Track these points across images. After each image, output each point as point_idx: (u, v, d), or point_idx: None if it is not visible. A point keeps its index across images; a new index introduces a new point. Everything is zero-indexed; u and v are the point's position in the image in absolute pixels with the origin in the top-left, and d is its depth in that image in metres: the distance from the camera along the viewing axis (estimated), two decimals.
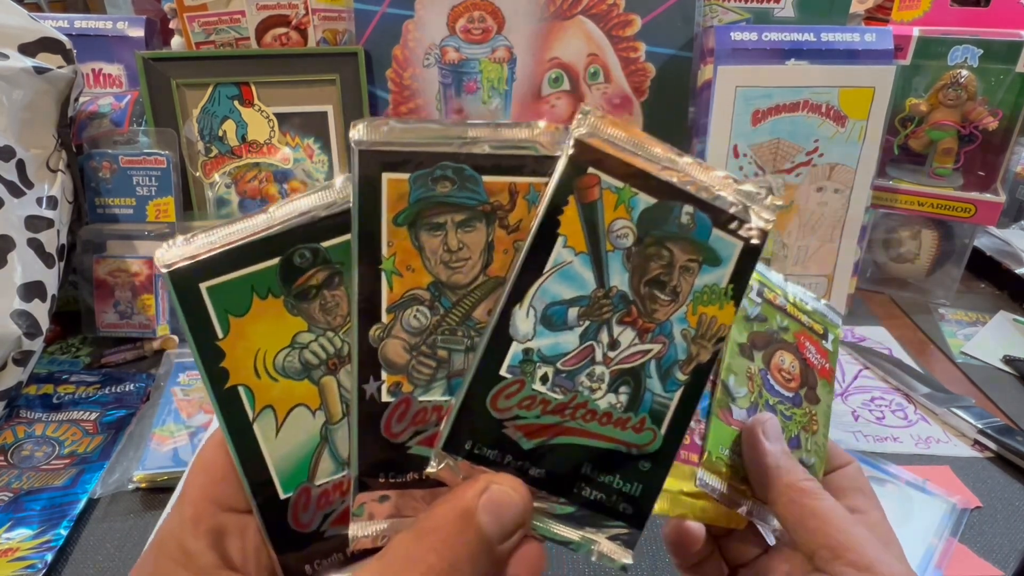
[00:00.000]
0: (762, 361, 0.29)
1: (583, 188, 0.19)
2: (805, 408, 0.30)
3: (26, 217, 0.57)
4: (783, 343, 0.30)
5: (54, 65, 0.60)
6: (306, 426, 0.21)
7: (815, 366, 0.30)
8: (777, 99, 0.70)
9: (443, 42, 0.75)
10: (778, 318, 0.30)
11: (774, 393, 0.29)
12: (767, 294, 0.30)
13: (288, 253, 0.19)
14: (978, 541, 0.47)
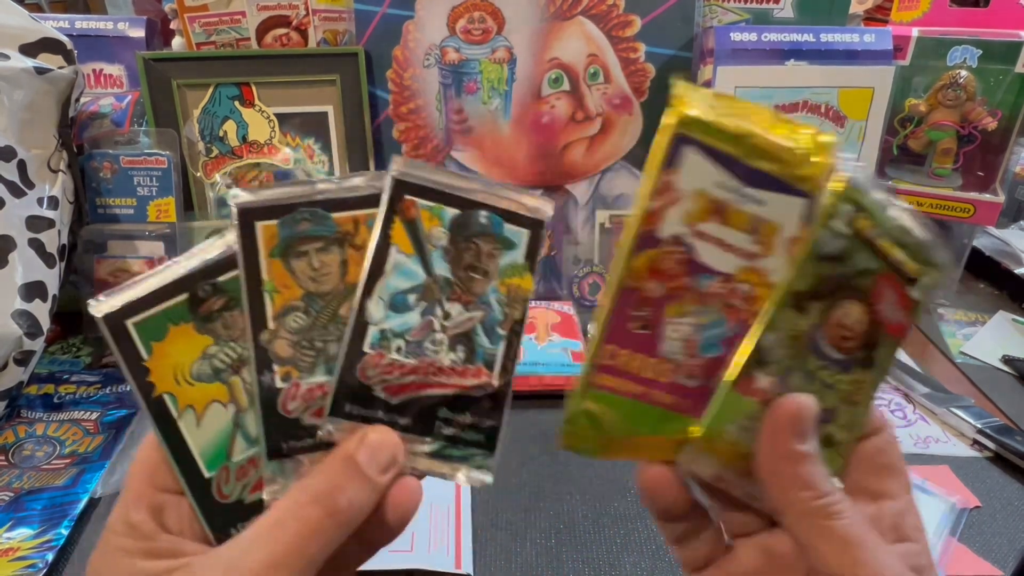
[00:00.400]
0: (818, 315, 0.23)
1: (404, 210, 0.26)
2: (854, 375, 0.24)
3: (27, 217, 0.57)
4: (856, 291, 0.23)
5: (55, 65, 0.61)
6: (220, 417, 0.27)
7: (886, 321, 0.24)
8: (776, 99, 0.70)
9: (443, 43, 0.75)
10: (862, 256, 0.23)
11: (820, 356, 0.24)
12: (860, 222, 0.22)
13: (193, 288, 0.26)
14: (977, 541, 0.47)
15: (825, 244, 0.22)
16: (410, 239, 0.26)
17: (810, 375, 0.24)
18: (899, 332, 0.24)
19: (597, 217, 0.78)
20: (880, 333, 0.24)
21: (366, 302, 0.26)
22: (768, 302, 0.23)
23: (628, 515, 0.49)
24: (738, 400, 0.23)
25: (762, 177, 0.22)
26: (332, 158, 0.78)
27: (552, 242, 0.79)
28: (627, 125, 0.77)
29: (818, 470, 0.23)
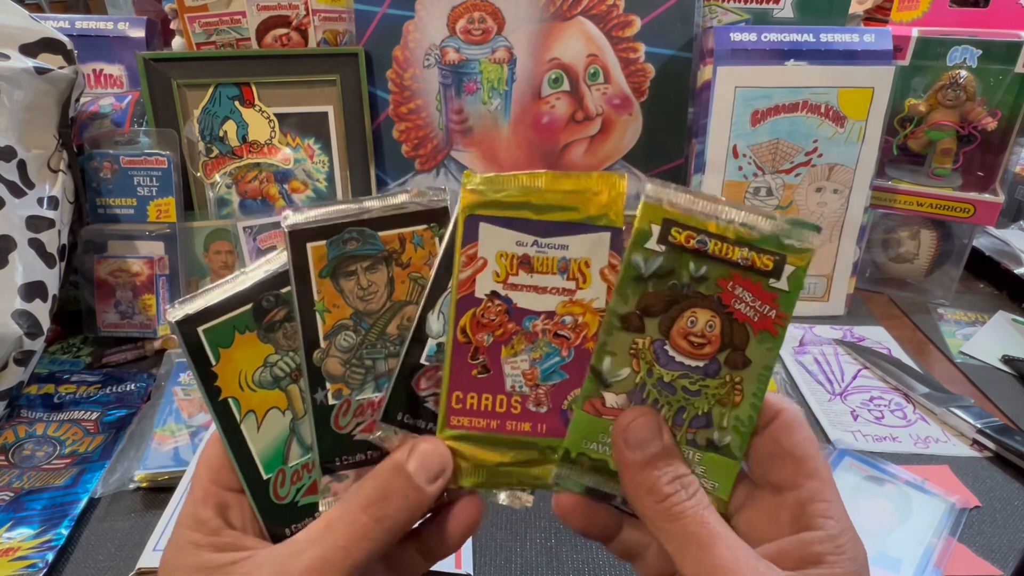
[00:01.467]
0: (658, 329, 0.24)
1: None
2: (724, 376, 0.25)
3: (27, 217, 0.57)
4: (696, 298, 0.24)
5: (55, 66, 0.61)
6: (279, 423, 0.28)
7: (746, 318, 0.24)
8: (776, 99, 0.70)
9: (443, 43, 0.75)
10: (691, 266, 0.24)
11: (673, 366, 0.25)
12: (675, 236, 0.23)
13: (258, 299, 0.27)
14: (977, 540, 0.47)
15: (640, 266, 0.24)
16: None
17: (669, 385, 0.25)
18: (768, 325, 0.24)
19: None
20: (745, 331, 0.24)
21: (428, 315, 0.27)
22: (599, 329, 0.25)
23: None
24: (592, 420, 0.25)
25: (555, 226, 0.25)
26: (332, 158, 0.78)
27: None
28: (627, 125, 0.77)
29: (658, 474, 0.24)
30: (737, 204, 0.24)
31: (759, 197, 0.74)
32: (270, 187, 0.77)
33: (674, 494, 0.24)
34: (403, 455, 0.25)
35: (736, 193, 0.74)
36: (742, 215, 0.24)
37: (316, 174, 0.78)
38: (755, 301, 0.24)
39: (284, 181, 0.77)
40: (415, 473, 0.25)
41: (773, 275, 0.24)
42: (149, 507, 0.49)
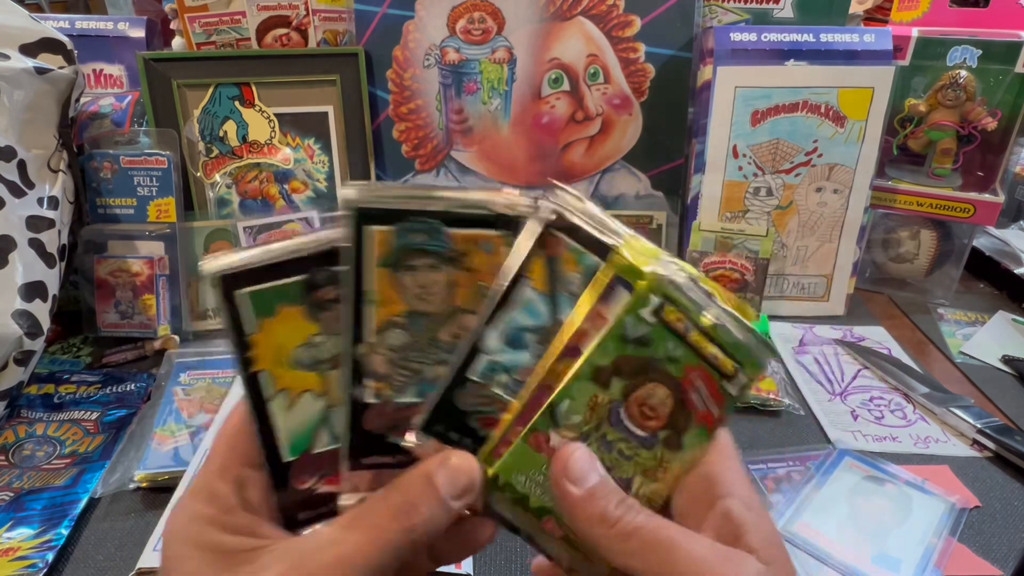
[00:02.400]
0: (620, 392, 0.25)
1: (550, 246, 0.25)
2: (657, 452, 0.26)
3: (27, 217, 0.57)
4: (662, 375, 0.25)
5: (55, 66, 0.61)
6: (311, 407, 0.26)
7: (694, 407, 0.25)
8: (776, 99, 0.70)
9: (443, 43, 0.75)
10: (669, 345, 0.25)
11: (620, 429, 0.25)
12: (668, 314, 0.25)
13: (312, 272, 0.24)
14: (977, 540, 0.47)
15: (628, 328, 0.25)
16: (547, 277, 0.25)
17: (608, 444, 0.26)
18: (709, 421, 0.26)
19: None
20: (689, 419, 0.25)
21: (486, 330, 0.25)
22: (570, 370, 0.25)
23: None
24: (531, 454, 0.25)
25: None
26: (332, 158, 0.78)
27: None
28: (627, 125, 0.77)
29: (604, 502, 0.24)
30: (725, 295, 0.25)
31: (759, 197, 0.74)
32: (270, 187, 0.77)
33: (625, 515, 0.24)
34: (433, 467, 0.25)
35: (736, 193, 0.74)
36: (723, 316, 0.25)
37: (316, 174, 0.78)
38: (708, 396, 0.25)
39: (284, 181, 0.77)
40: (443, 486, 0.24)
41: (729, 379, 0.25)
42: (149, 507, 0.49)
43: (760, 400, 0.60)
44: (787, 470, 0.53)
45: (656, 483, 0.26)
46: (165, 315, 0.69)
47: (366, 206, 0.24)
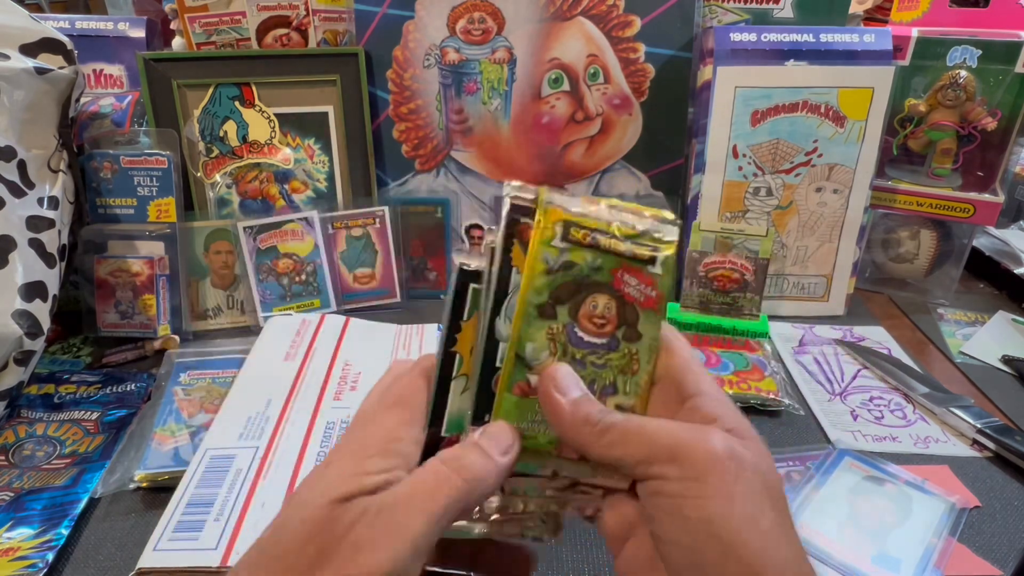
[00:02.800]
0: (568, 314, 0.28)
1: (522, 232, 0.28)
2: (623, 349, 0.28)
3: (27, 217, 0.58)
4: (595, 285, 0.28)
5: (55, 66, 0.61)
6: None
7: (634, 299, 0.28)
8: (776, 99, 0.70)
9: (443, 43, 0.75)
10: (588, 258, 0.28)
11: (582, 345, 0.28)
12: (573, 234, 0.28)
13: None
14: (977, 540, 0.47)
15: (549, 260, 0.28)
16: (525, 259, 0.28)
17: (580, 362, 0.28)
18: (652, 303, 0.29)
19: None
20: (635, 310, 0.29)
21: (496, 320, 0.28)
22: (516, 317, 0.28)
23: None
24: (521, 401, 0.28)
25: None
26: (332, 158, 0.78)
27: None
28: (627, 125, 0.77)
29: (586, 408, 0.27)
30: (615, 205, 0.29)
31: (759, 197, 0.74)
32: (270, 187, 0.77)
33: (604, 417, 0.27)
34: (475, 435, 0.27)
35: (736, 193, 0.74)
36: (622, 215, 0.28)
37: (316, 174, 0.78)
38: (640, 284, 0.28)
39: (284, 181, 0.77)
40: (487, 447, 0.27)
41: (650, 263, 0.28)
42: (149, 507, 0.49)
43: (760, 400, 0.60)
44: (787, 470, 0.53)
45: (636, 375, 0.29)
46: (165, 315, 0.69)
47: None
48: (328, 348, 0.65)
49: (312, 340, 0.66)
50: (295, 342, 0.65)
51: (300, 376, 0.60)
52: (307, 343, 0.66)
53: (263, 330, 0.68)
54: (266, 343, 0.65)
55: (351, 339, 0.67)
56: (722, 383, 0.62)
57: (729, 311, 0.72)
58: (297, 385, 0.59)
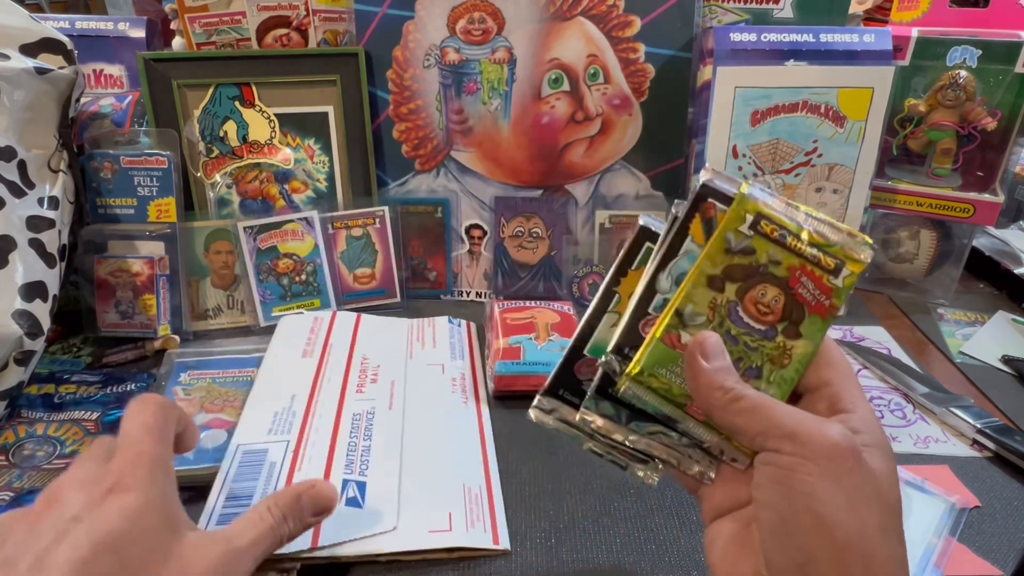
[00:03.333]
0: (735, 293, 0.31)
1: (705, 209, 0.31)
2: (779, 342, 0.30)
3: (27, 217, 0.58)
4: (770, 277, 0.31)
5: (55, 66, 0.61)
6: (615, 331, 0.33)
7: (805, 301, 0.30)
8: (776, 100, 0.70)
9: (443, 43, 0.75)
10: (770, 251, 0.31)
11: (740, 324, 0.31)
12: (764, 227, 0.31)
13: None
14: (977, 540, 0.47)
15: (731, 241, 0.31)
16: (704, 233, 0.31)
17: (734, 338, 0.31)
18: (822, 311, 0.31)
19: (597, 217, 0.78)
20: (803, 311, 0.31)
21: (659, 274, 0.31)
22: (687, 279, 0.31)
23: (628, 515, 0.49)
24: (667, 351, 0.31)
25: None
26: (332, 158, 0.78)
27: (551, 242, 0.79)
28: (627, 125, 0.77)
29: (724, 376, 0.29)
30: (814, 214, 0.31)
31: None
32: (270, 187, 0.77)
33: (738, 386, 0.29)
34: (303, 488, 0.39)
35: None
36: (819, 225, 0.31)
37: (316, 174, 0.78)
38: (816, 290, 0.30)
39: (284, 181, 0.77)
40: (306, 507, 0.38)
41: (833, 273, 0.31)
42: None
43: None
44: None
45: (784, 369, 0.31)
46: (165, 315, 0.69)
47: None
48: (344, 344, 0.66)
49: (327, 337, 0.67)
50: (310, 339, 0.66)
51: (320, 371, 0.61)
52: (322, 340, 0.66)
53: (277, 328, 0.69)
54: (282, 341, 0.66)
55: (365, 335, 0.68)
56: None
57: None
58: (319, 380, 0.60)
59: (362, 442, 0.52)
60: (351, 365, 0.62)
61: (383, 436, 0.53)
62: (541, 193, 0.79)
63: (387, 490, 0.47)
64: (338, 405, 0.57)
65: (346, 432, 0.53)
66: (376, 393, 0.58)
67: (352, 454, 0.51)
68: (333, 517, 0.40)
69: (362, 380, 0.60)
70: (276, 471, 0.49)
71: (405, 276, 0.79)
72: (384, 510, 0.45)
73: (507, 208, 0.79)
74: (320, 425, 0.54)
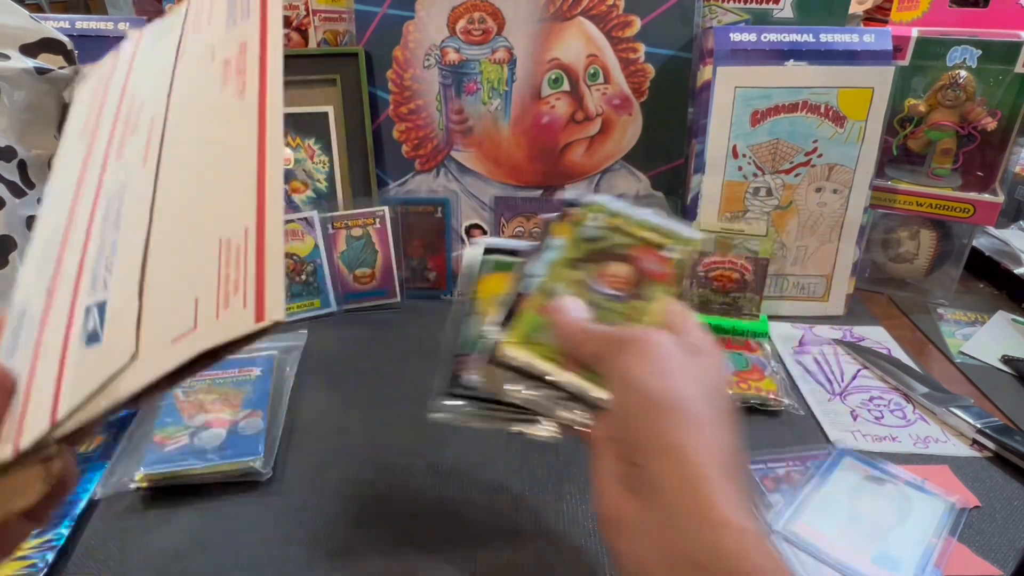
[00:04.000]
0: (592, 271, 0.38)
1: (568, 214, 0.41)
2: (631, 303, 0.37)
3: (27, 217, 0.58)
4: (617, 256, 0.39)
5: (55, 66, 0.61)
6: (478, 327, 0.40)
7: (650, 272, 0.38)
8: (776, 100, 0.70)
9: (443, 43, 0.75)
10: (617, 238, 0.39)
11: (599, 293, 0.37)
12: (609, 221, 0.40)
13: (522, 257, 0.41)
14: (977, 540, 0.47)
15: (583, 233, 0.40)
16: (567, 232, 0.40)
17: (595, 304, 0.37)
18: (663, 277, 0.38)
19: None
20: (647, 279, 0.38)
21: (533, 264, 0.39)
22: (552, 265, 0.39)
23: None
24: (537, 318, 0.37)
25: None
26: (332, 158, 0.78)
27: None
28: (627, 125, 0.77)
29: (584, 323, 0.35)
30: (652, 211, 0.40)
31: (759, 197, 0.74)
32: None
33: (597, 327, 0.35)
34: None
35: (736, 193, 0.74)
36: (651, 217, 0.40)
37: (316, 174, 0.78)
38: (655, 262, 0.38)
39: (284, 181, 0.77)
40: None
41: (666, 250, 0.39)
42: (149, 507, 0.49)
43: (760, 400, 0.60)
44: (787, 470, 0.53)
45: (636, 323, 0.36)
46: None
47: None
48: (117, 89, 0.40)
49: (105, 91, 0.41)
50: (91, 105, 0.41)
51: (90, 152, 0.38)
52: (101, 99, 0.41)
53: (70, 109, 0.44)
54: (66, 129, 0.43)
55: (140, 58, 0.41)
56: None
57: (729, 311, 0.72)
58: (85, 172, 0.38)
59: (110, 236, 0.33)
60: (116, 123, 0.38)
61: (132, 213, 0.32)
62: (541, 193, 0.79)
63: (126, 298, 0.29)
64: (95, 196, 0.36)
65: (98, 233, 0.34)
66: (133, 150, 0.36)
67: (100, 263, 0.32)
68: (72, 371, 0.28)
69: (124, 138, 0.37)
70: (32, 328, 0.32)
71: (405, 276, 0.79)
72: (121, 333, 0.28)
73: (507, 208, 0.79)
74: (75, 238, 0.35)
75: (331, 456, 0.55)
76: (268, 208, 0.28)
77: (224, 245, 0.28)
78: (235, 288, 0.27)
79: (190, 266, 0.28)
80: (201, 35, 0.37)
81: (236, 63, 0.33)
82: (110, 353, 0.28)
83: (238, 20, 0.35)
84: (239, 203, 0.28)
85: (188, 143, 0.33)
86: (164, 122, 0.35)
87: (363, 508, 0.50)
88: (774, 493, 0.50)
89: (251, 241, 0.27)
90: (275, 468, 0.53)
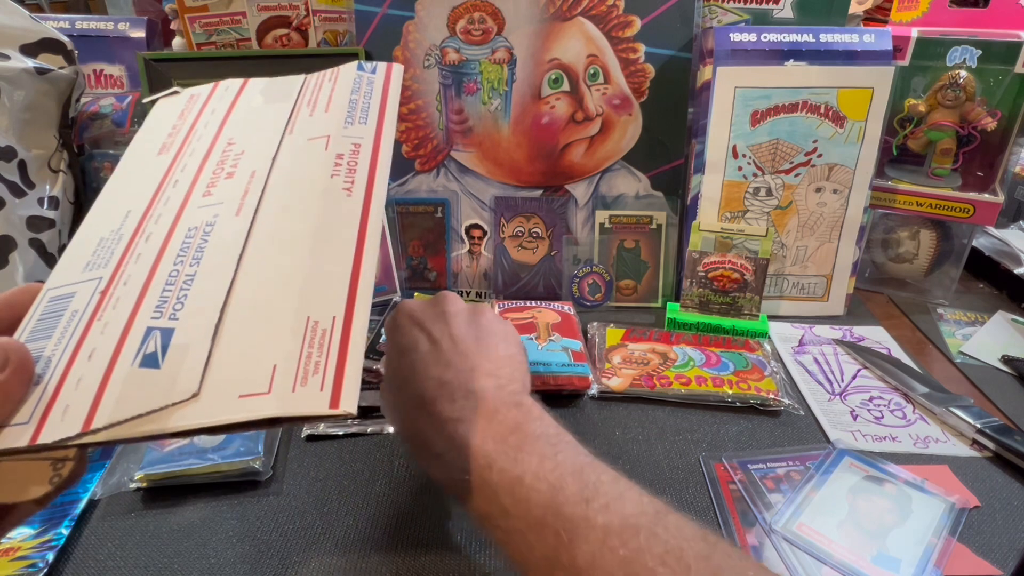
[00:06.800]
0: None
1: None
2: None
3: (28, 217, 0.58)
4: None
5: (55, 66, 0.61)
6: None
7: None
8: (776, 100, 0.70)
9: (443, 43, 0.75)
10: None
11: None
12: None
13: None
14: (977, 540, 0.47)
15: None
16: None
17: None
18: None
19: (597, 217, 0.78)
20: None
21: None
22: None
23: None
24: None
25: None
26: None
27: (551, 242, 0.79)
28: (627, 125, 0.77)
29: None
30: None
31: (759, 197, 0.74)
32: None
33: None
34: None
35: (736, 193, 0.74)
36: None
37: None
38: None
39: None
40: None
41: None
42: (148, 507, 0.49)
43: (760, 400, 0.60)
44: (787, 470, 0.53)
45: None
46: None
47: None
48: (213, 125, 0.45)
49: (196, 118, 0.47)
50: (177, 126, 0.46)
51: (170, 171, 0.42)
52: (190, 123, 0.46)
53: (145, 119, 0.49)
54: (144, 136, 0.46)
55: (243, 106, 0.49)
56: (722, 383, 0.62)
57: (729, 311, 0.72)
58: (164, 184, 0.41)
59: (187, 269, 0.35)
60: (209, 157, 0.42)
61: (216, 256, 0.35)
62: (541, 193, 0.79)
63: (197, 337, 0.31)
64: (174, 219, 0.38)
65: (172, 257, 0.36)
66: (226, 194, 0.39)
67: (169, 289, 0.34)
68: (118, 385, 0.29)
69: (216, 176, 0.40)
70: (74, 323, 0.34)
71: (405, 276, 0.79)
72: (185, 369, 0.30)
73: (507, 208, 0.79)
74: (144, 251, 0.37)
75: (331, 456, 0.55)
76: (358, 305, 0.32)
77: (311, 326, 0.31)
78: (315, 369, 0.29)
79: (273, 333, 0.31)
80: (315, 120, 0.43)
81: (348, 160, 0.38)
82: (167, 383, 0.29)
83: (356, 122, 0.42)
84: (333, 292, 0.32)
85: (287, 213, 0.36)
86: (265, 183, 0.38)
87: (363, 508, 0.50)
88: (774, 493, 0.50)
89: (337, 330, 0.31)
90: (275, 468, 0.53)
